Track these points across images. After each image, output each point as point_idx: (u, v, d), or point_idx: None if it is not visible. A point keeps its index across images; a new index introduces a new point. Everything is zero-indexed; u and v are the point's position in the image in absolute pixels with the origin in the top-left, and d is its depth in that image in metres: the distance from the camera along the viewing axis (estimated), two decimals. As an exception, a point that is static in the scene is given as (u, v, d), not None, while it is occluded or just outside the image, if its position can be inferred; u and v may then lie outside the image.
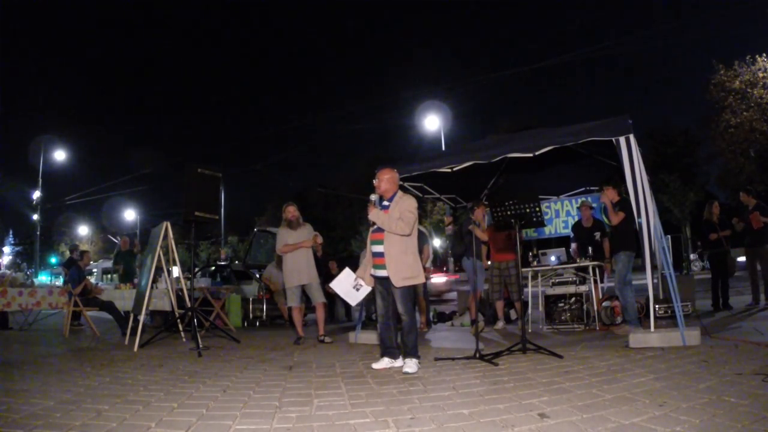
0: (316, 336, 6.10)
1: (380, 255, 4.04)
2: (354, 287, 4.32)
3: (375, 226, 4.13)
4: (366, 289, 4.28)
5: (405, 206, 4.03)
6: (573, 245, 7.16)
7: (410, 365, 3.83)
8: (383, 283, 4.11)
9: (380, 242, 4.05)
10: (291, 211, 6.15)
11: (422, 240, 6.99)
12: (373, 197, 4.15)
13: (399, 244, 3.99)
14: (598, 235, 6.84)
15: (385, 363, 4.06)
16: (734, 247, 7.59)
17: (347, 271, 4.45)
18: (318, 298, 6.08)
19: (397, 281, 3.94)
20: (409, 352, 3.95)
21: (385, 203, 4.14)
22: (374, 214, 4.07)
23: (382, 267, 4.03)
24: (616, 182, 5.60)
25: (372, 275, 4.18)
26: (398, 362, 4.03)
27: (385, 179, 4.16)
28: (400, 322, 4.10)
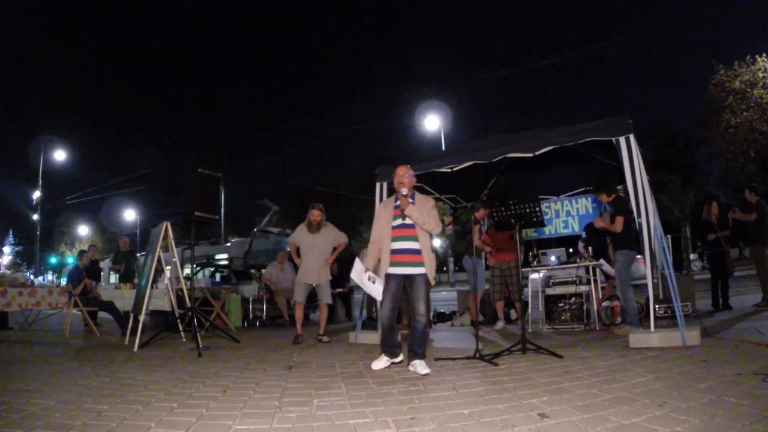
0: (316, 335, 6.14)
1: (410, 252, 3.94)
2: (369, 280, 4.14)
3: (399, 222, 3.99)
4: (381, 282, 4.07)
5: (430, 206, 4.05)
6: (581, 244, 7.16)
7: (424, 366, 3.75)
8: (399, 281, 3.97)
9: (410, 238, 3.95)
10: (315, 214, 6.22)
11: None
12: (404, 191, 3.97)
13: (429, 241, 4.01)
14: (609, 239, 6.87)
15: (384, 362, 4.01)
16: (733, 247, 7.57)
17: (359, 264, 4.24)
18: (324, 299, 6.20)
19: (431, 279, 3.95)
20: (422, 354, 3.88)
21: (409, 201, 4.00)
22: (413, 210, 3.92)
23: (411, 264, 3.92)
24: (607, 186, 5.66)
25: (391, 273, 3.96)
26: (398, 359, 4.03)
27: (408, 175, 4.05)
28: (400, 321, 4.10)
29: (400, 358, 4.08)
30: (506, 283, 6.86)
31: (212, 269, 11.63)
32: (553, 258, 6.53)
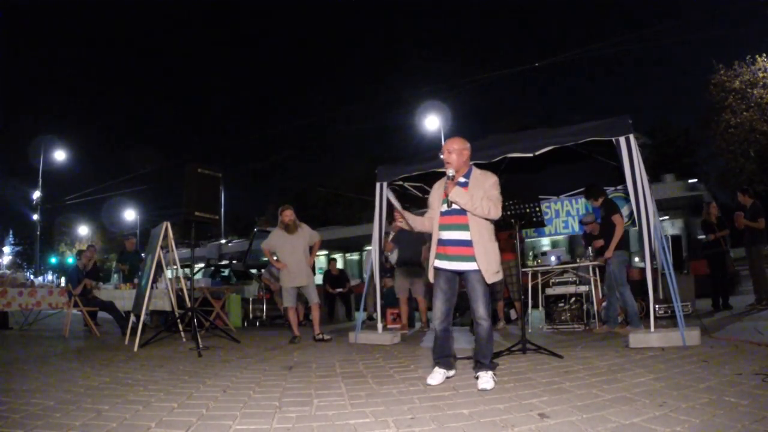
0: (312, 336, 6.12)
1: (458, 243, 3.33)
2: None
3: (448, 208, 3.37)
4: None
5: (489, 184, 3.36)
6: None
7: (488, 380, 3.14)
8: (450, 278, 3.41)
9: (459, 227, 3.33)
10: (288, 214, 6.21)
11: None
12: (451, 172, 3.42)
13: (488, 230, 3.36)
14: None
15: (440, 376, 3.36)
16: (733, 247, 7.59)
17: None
18: (313, 299, 6.17)
19: (489, 276, 3.29)
20: (488, 364, 3.28)
21: (462, 180, 3.43)
22: (457, 193, 3.29)
23: (461, 258, 3.32)
24: (598, 191, 6.06)
25: (439, 267, 3.42)
26: (451, 372, 3.50)
27: (456, 150, 3.42)
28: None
29: (454, 371, 3.52)
30: (506, 283, 6.86)
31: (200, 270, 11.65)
32: (553, 258, 6.53)
